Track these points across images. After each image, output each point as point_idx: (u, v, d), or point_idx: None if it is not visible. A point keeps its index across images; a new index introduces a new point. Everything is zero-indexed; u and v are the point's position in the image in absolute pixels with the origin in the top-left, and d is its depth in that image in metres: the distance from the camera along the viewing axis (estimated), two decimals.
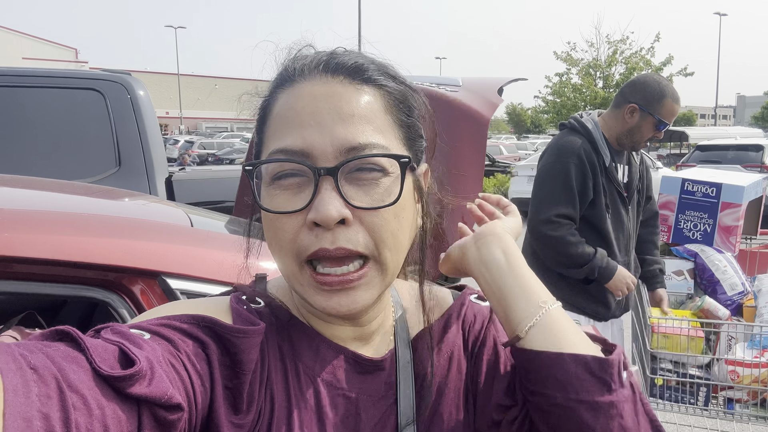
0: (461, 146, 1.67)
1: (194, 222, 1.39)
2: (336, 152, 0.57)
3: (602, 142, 2.36)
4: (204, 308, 0.61)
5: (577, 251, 2.28)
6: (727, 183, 2.58)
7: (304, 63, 0.63)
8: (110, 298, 1.09)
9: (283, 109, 0.61)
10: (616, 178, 2.39)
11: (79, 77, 3.41)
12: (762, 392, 2.24)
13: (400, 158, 0.59)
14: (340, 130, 0.58)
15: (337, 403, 0.61)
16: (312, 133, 0.58)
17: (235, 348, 0.56)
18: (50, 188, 1.59)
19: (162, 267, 1.11)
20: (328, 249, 0.56)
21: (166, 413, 0.48)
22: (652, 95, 2.28)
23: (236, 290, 0.67)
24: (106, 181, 3.10)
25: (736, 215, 2.57)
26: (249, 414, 0.56)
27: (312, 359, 0.62)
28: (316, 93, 0.59)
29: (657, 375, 2.35)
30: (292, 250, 0.57)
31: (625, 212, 2.43)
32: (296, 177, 0.58)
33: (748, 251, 2.84)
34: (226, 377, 0.56)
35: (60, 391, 0.42)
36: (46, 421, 0.40)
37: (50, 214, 1.25)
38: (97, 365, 0.45)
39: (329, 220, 0.55)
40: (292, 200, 0.57)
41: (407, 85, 0.66)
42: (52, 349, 0.45)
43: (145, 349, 0.50)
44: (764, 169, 11.25)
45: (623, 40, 21.61)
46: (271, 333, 0.62)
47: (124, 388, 0.46)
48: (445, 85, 1.82)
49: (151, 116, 3.38)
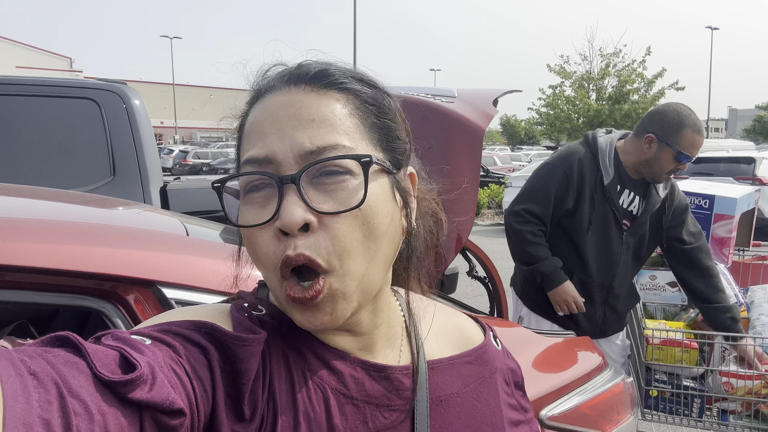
0: (456, 156, 1.68)
1: (190, 231, 1.39)
2: (297, 158, 0.57)
3: (609, 161, 2.32)
4: (205, 315, 0.60)
5: (529, 249, 2.31)
6: (720, 195, 2.60)
7: (271, 78, 0.63)
8: (104, 307, 1.08)
9: (250, 124, 0.61)
10: (614, 200, 2.32)
11: (74, 86, 3.41)
12: (756, 404, 2.25)
13: (361, 158, 0.57)
14: (299, 135, 0.57)
15: (345, 411, 0.61)
16: (273, 141, 0.58)
17: (234, 356, 0.56)
18: (44, 197, 1.58)
19: (157, 276, 1.11)
20: (290, 256, 0.55)
21: (168, 418, 0.48)
22: (670, 125, 2.21)
23: (238, 298, 0.66)
24: (101, 190, 3.09)
25: (728, 227, 2.59)
26: (252, 423, 0.55)
27: (319, 367, 0.62)
28: (278, 103, 0.60)
29: (652, 386, 2.35)
30: (268, 263, 0.57)
31: (618, 236, 2.36)
32: (264, 189, 0.58)
33: (740, 263, 2.85)
34: (227, 384, 0.55)
35: (60, 396, 0.42)
36: (46, 426, 0.40)
37: (44, 222, 1.25)
38: (97, 370, 0.45)
39: (292, 225, 0.54)
40: (261, 213, 0.57)
41: (378, 88, 0.65)
42: (52, 354, 0.45)
43: (147, 354, 0.49)
44: (756, 181, 11.33)
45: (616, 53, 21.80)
46: (275, 340, 0.61)
47: (126, 393, 0.45)
48: (441, 96, 1.83)
49: (147, 125, 3.38)
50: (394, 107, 0.66)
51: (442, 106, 1.73)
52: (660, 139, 2.23)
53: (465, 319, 0.78)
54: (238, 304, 0.63)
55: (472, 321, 0.79)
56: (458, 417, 0.67)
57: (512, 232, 2.37)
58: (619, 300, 2.45)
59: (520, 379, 0.78)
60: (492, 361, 0.74)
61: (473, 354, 0.72)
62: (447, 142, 1.67)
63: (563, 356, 1.58)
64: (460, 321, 0.77)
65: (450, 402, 0.67)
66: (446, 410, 0.66)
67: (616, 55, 21.81)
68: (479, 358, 0.73)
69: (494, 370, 0.73)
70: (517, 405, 0.75)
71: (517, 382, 0.78)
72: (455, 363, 0.70)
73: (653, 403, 2.37)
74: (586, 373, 1.50)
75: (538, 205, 2.31)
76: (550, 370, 1.46)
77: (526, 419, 0.75)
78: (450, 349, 0.72)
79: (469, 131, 1.70)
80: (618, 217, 2.35)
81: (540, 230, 2.33)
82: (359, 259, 0.57)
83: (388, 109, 0.64)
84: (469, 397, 0.69)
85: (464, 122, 1.70)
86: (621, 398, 1.54)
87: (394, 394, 0.64)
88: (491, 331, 0.79)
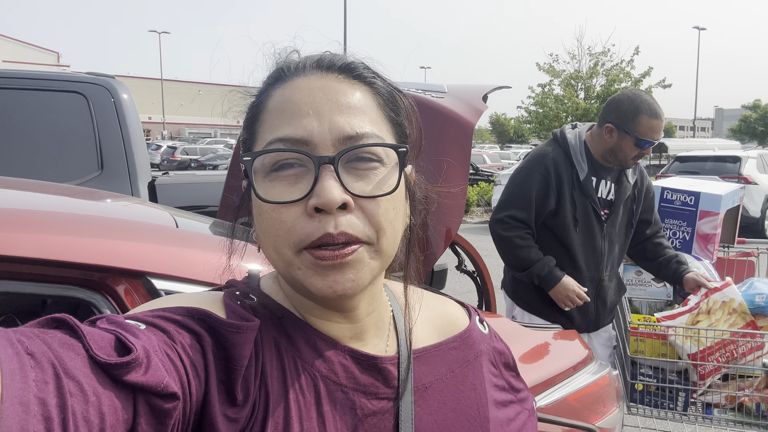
0: (446, 152, 1.69)
1: (179, 223, 1.39)
2: (335, 141, 0.59)
3: (581, 155, 2.37)
4: (198, 301, 0.61)
5: (521, 254, 2.33)
6: (706, 192, 2.63)
7: (298, 61, 0.65)
8: (94, 298, 1.08)
9: (278, 102, 0.62)
10: (591, 193, 2.37)
11: (62, 80, 3.38)
12: (739, 397, 2.28)
13: (398, 148, 0.61)
14: (339, 119, 0.59)
15: (335, 397, 0.62)
16: (311, 122, 0.59)
17: (228, 343, 0.56)
18: (33, 188, 1.57)
19: (147, 267, 1.10)
20: (331, 233, 0.56)
21: (162, 402, 0.48)
22: (626, 114, 2.27)
23: (229, 286, 0.67)
24: (89, 185, 3.07)
25: (713, 224, 2.63)
26: (244, 408, 0.56)
27: (310, 354, 0.63)
28: (313, 86, 0.61)
29: (637, 380, 2.38)
30: (290, 239, 0.58)
31: (599, 229, 2.40)
32: (294, 168, 0.59)
33: (725, 259, 2.89)
34: (220, 370, 0.56)
35: (57, 377, 0.42)
36: (42, 406, 0.40)
37: (33, 213, 1.24)
38: (93, 353, 0.45)
39: (332, 203, 0.56)
40: (290, 190, 0.58)
41: (394, 87, 0.68)
42: (49, 335, 0.45)
43: (141, 338, 0.50)
44: (741, 179, 11.47)
45: (604, 52, 21.92)
46: (266, 328, 0.62)
47: (121, 375, 0.46)
48: (431, 91, 1.83)
49: (135, 120, 3.36)
50: (408, 107, 0.70)
51: (432, 100, 1.74)
52: (618, 127, 2.28)
53: (451, 306, 0.80)
54: (231, 292, 0.64)
55: (458, 306, 0.81)
56: (443, 402, 0.68)
57: (500, 240, 2.37)
58: (609, 292, 2.48)
59: (510, 360, 0.80)
60: (477, 344, 0.75)
61: (458, 339, 0.74)
62: (437, 137, 1.68)
63: (550, 349, 1.60)
64: (447, 308, 0.79)
65: (434, 388, 0.68)
66: (431, 396, 0.68)
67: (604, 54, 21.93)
68: (464, 342, 0.74)
69: (479, 353, 0.75)
70: (506, 386, 0.76)
71: (507, 363, 0.79)
72: (440, 350, 0.72)
73: (639, 397, 2.40)
74: (573, 366, 1.51)
75: (521, 210, 2.33)
76: (536, 362, 1.48)
77: (517, 399, 0.76)
78: (436, 336, 0.73)
79: (459, 126, 1.72)
80: (597, 210, 2.39)
81: (527, 233, 2.34)
82: (388, 238, 0.61)
83: (402, 108, 0.68)
84: (453, 381, 0.70)
85: (454, 117, 1.71)
86: (607, 391, 1.56)
87: (382, 383, 0.65)
88: (477, 314, 0.80)
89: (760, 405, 2.27)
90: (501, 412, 0.73)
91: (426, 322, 0.74)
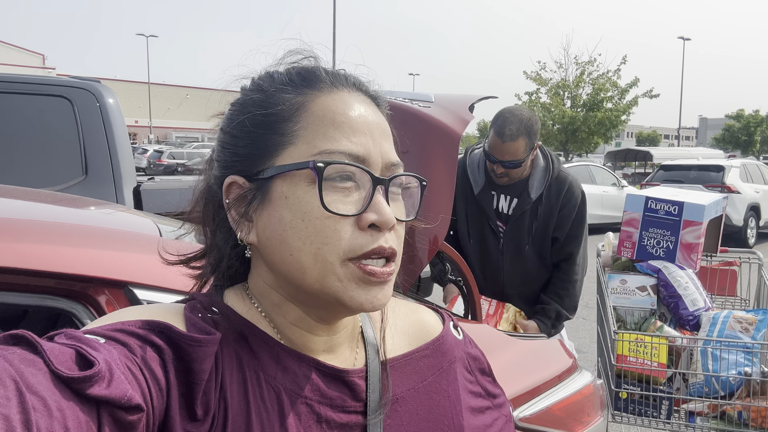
0: (432, 161, 1.69)
1: (163, 231, 1.37)
2: (383, 165, 0.63)
3: (478, 170, 2.42)
4: (158, 314, 0.60)
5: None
6: (689, 202, 2.65)
7: (334, 72, 0.66)
8: (75, 308, 1.06)
9: (330, 111, 0.62)
10: (486, 208, 2.41)
11: (46, 83, 3.34)
12: (721, 405, 2.30)
13: (422, 181, 0.67)
14: (385, 145, 0.64)
15: (299, 410, 0.61)
16: (367, 142, 0.62)
17: (188, 357, 0.56)
18: (14, 195, 1.55)
19: (129, 277, 1.09)
20: (384, 247, 0.60)
21: (126, 414, 0.48)
22: (487, 130, 2.36)
23: (191, 299, 0.66)
24: (72, 190, 3.03)
25: (697, 233, 2.65)
26: (204, 423, 0.55)
27: (273, 368, 0.62)
28: (361, 106, 0.64)
29: (621, 389, 2.40)
30: (340, 248, 0.59)
31: (495, 243, 2.43)
32: (350, 181, 0.61)
33: (708, 268, 2.92)
34: (181, 383, 0.55)
35: (19, 392, 0.42)
36: (6, 422, 0.39)
37: (13, 221, 1.22)
38: (54, 367, 0.45)
39: (390, 222, 0.60)
40: (345, 202, 0.60)
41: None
42: (9, 352, 0.45)
43: (102, 351, 0.49)
44: (725, 189, 11.61)
45: (591, 61, 22.16)
46: (227, 342, 0.61)
47: (84, 389, 0.45)
48: (418, 101, 1.84)
49: (120, 125, 3.33)
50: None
51: (418, 110, 1.74)
52: (485, 149, 2.37)
53: (424, 313, 0.79)
54: (192, 305, 0.64)
55: (432, 313, 0.80)
56: (414, 413, 0.68)
57: None
58: (524, 304, 2.50)
59: (485, 365, 0.80)
60: (451, 351, 0.75)
61: (430, 347, 0.74)
62: (423, 147, 1.69)
63: (534, 358, 1.60)
64: (420, 315, 0.78)
65: (406, 399, 0.68)
66: (402, 408, 0.67)
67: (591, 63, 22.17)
68: (437, 350, 0.74)
69: (453, 360, 0.75)
70: (481, 392, 0.76)
71: (482, 368, 0.79)
72: (411, 359, 0.72)
73: (623, 405, 2.41)
74: (557, 375, 1.52)
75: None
76: (521, 371, 1.48)
77: (493, 404, 0.76)
78: (407, 345, 0.73)
79: (446, 136, 1.72)
80: (491, 224, 2.42)
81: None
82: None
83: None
84: (426, 390, 0.70)
85: (441, 127, 1.72)
86: (591, 400, 1.56)
87: (349, 396, 0.64)
88: (451, 320, 0.80)
89: (741, 413, 2.29)
90: (477, 419, 0.73)
91: (397, 332, 0.74)
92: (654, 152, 22.93)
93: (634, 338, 2.39)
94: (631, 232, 2.76)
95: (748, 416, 2.27)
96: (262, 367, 0.62)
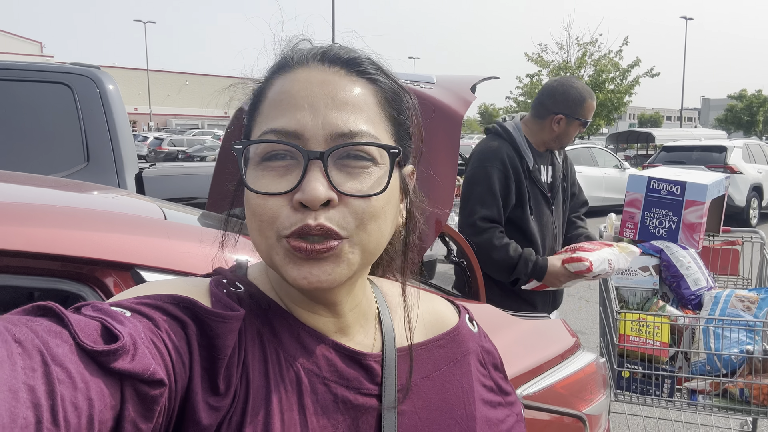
0: (435, 143, 1.69)
1: (167, 215, 1.38)
2: (327, 137, 0.58)
3: (525, 145, 2.44)
4: (183, 289, 0.61)
5: (500, 256, 2.30)
6: (691, 181, 2.65)
7: (302, 52, 0.64)
8: (82, 290, 1.07)
9: (277, 92, 0.62)
10: (540, 180, 2.47)
11: (47, 71, 3.34)
12: (723, 384, 2.32)
13: (390, 149, 0.60)
14: (333, 115, 0.59)
15: (317, 390, 0.62)
16: (305, 116, 0.59)
17: (212, 332, 0.56)
18: (20, 181, 1.56)
19: (136, 260, 1.10)
20: (310, 225, 0.56)
21: (149, 388, 0.48)
22: (575, 102, 2.43)
23: (216, 274, 0.67)
24: (75, 177, 3.04)
25: (699, 213, 2.65)
26: (226, 398, 0.56)
27: (292, 346, 0.63)
28: (312, 79, 0.61)
29: (624, 368, 2.41)
30: (273, 226, 0.58)
31: (549, 213, 2.51)
32: (285, 159, 0.59)
33: (710, 248, 2.92)
34: (204, 358, 0.56)
35: (45, 364, 0.42)
36: (31, 393, 0.40)
37: (21, 206, 1.23)
38: (80, 340, 0.46)
39: (315, 201, 0.56)
40: (279, 181, 0.58)
41: (399, 84, 0.67)
42: (36, 323, 0.46)
43: (127, 325, 0.50)
44: (727, 169, 11.58)
45: (592, 42, 21.99)
46: (250, 318, 0.62)
47: (108, 362, 0.46)
48: (420, 82, 1.83)
49: (121, 111, 3.33)
50: (411, 106, 0.69)
51: (420, 91, 1.74)
52: (568, 116, 2.43)
53: (441, 303, 0.80)
54: (217, 280, 0.64)
55: (448, 304, 0.80)
56: (428, 400, 0.68)
57: (477, 246, 2.28)
58: None
59: (498, 361, 0.80)
60: (465, 342, 0.76)
61: (446, 337, 0.74)
62: (425, 128, 1.68)
63: (537, 337, 1.62)
64: (436, 305, 0.78)
65: (419, 387, 0.69)
66: (416, 395, 0.68)
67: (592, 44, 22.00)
68: (452, 340, 0.74)
69: (467, 352, 0.75)
70: (494, 387, 0.76)
71: (495, 364, 0.79)
72: (427, 348, 0.72)
73: (625, 384, 2.43)
74: (560, 354, 1.53)
75: (489, 209, 2.32)
76: (524, 350, 1.49)
77: (505, 402, 0.76)
78: (423, 333, 0.73)
79: (448, 117, 1.72)
80: (545, 195, 2.50)
81: (500, 232, 2.34)
82: (371, 236, 0.60)
83: (406, 107, 0.67)
84: (439, 379, 0.71)
85: (443, 108, 1.71)
86: (594, 378, 1.58)
87: (366, 379, 0.65)
88: (467, 313, 0.80)
89: (743, 391, 2.31)
90: (489, 412, 0.73)
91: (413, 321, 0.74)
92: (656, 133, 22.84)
93: (637, 318, 2.41)
94: (633, 212, 2.76)
95: (749, 394, 2.29)
96: (282, 345, 0.62)
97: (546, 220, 2.50)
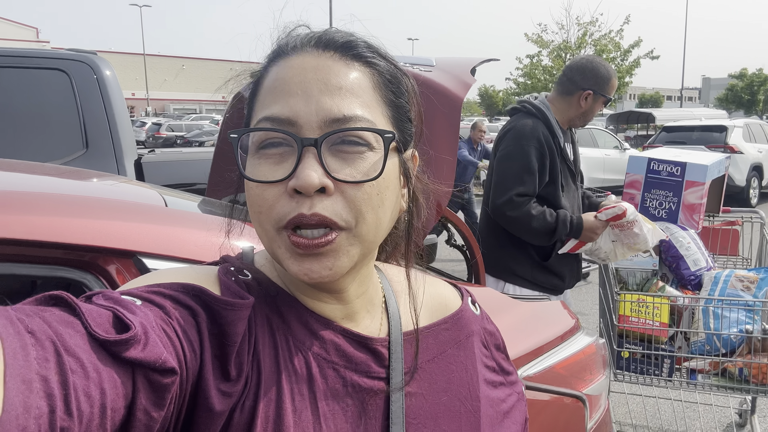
0: (435, 126, 1.69)
1: (168, 202, 1.38)
2: (321, 123, 0.58)
3: (556, 124, 2.48)
4: (192, 277, 0.61)
5: (539, 225, 2.36)
6: (691, 162, 2.65)
7: (297, 38, 0.64)
8: (85, 278, 1.08)
9: (272, 80, 0.61)
10: (569, 156, 2.53)
11: (43, 57, 3.31)
12: (722, 363, 2.34)
13: (385, 133, 0.59)
14: (326, 100, 0.58)
15: (326, 374, 0.63)
16: (298, 102, 0.58)
17: (222, 320, 0.57)
18: (20, 169, 1.56)
19: (137, 247, 1.11)
20: (305, 214, 0.56)
21: (160, 377, 0.49)
22: (603, 79, 2.48)
23: (224, 262, 0.67)
24: (74, 164, 3.04)
25: (699, 193, 2.65)
26: (237, 384, 0.57)
27: (301, 332, 0.63)
28: (306, 65, 0.60)
29: (623, 348, 2.43)
30: (272, 216, 0.58)
31: (575, 188, 2.59)
32: (280, 147, 0.59)
33: (710, 228, 2.93)
34: (215, 346, 0.56)
35: (57, 354, 0.43)
36: (45, 383, 0.41)
37: (22, 194, 1.23)
38: (92, 329, 0.46)
39: (309, 187, 0.55)
40: (275, 169, 0.58)
41: (398, 67, 0.67)
42: (48, 313, 0.46)
43: (138, 314, 0.51)
44: (727, 149, 11.55)
45: (593, 22, 21.80)
46: (259, 305, 0.62)
47: (120, 352, 0.46)
48: (419, 65, 1.82)
49: (119, 97, 3.31)
50: (411, 89, 0.68)
51: (420, 74, 1.73)
52: (596, 92, 2.47)
53: (444, 287, 0.80)
54: (225, 268, 0.64)
55: (450, 287, 0.81)
56: (433, 382, 0.69)
57: (513, 221, 2.36)
58: None
59: (500, 342, 0.81)
60: (469, 324, 0.76)
61: (450, 320, 0.75)
62: (425, 111, 1.68)
63: (538, 319, 1.63)
64: (439, 289, 0.79)
65: (425, 370, 0.69)
66: (422, 377, 0.69)
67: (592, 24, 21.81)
68: (456, 323, 0.75)
69: (471, 333, 0.76)
70: (496, 367, 0.77)
71: (497, 344, 0.80)
72: (432, 331, 0.73)
73: (625, 364, 2.45)
74: (560, 335, 1.54)
75: (525, 185, 2.36)
76: (525, 332, 1.50)
77: (507, 381, 0.77)
78: (428, 317, 0.74)
79: (448, 100, 1.71)
80: (572, 170, 2.55)
81: (535, 202, 2.39)
82: (369, 225, 0.59)
83: (405, 90, 0.66)
84: (444, 361, 0.72)
85: (442, 91, 1.71)
86: (593, 359, 1.59)
87: (374, 363, 0.66)
88: (470, 296, 0.81)
89: (743, 370, 2.33)
90: (492, 392, 0.74)
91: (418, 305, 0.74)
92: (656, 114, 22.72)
93: (636, 299, 2.42)
94: (633, 193, 2.76)
95: (749, 373, 2.31)
96: (292, 331, 0.63)
97: (573, 194, 2.56)
